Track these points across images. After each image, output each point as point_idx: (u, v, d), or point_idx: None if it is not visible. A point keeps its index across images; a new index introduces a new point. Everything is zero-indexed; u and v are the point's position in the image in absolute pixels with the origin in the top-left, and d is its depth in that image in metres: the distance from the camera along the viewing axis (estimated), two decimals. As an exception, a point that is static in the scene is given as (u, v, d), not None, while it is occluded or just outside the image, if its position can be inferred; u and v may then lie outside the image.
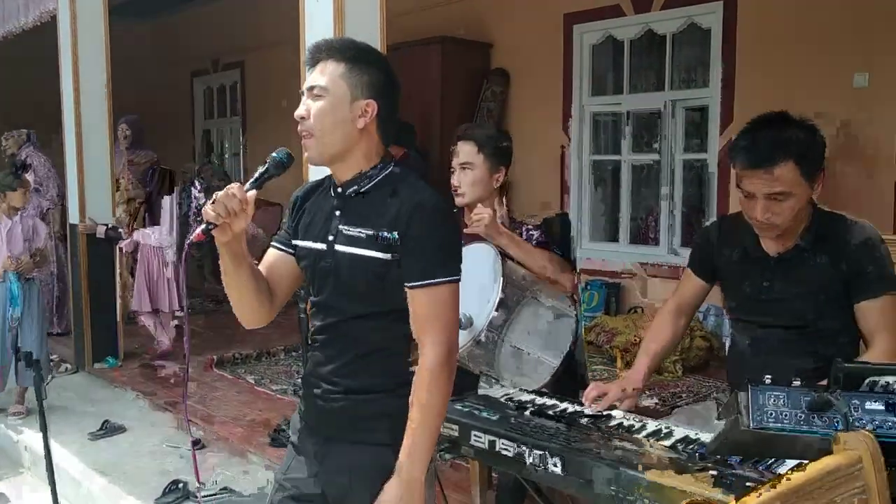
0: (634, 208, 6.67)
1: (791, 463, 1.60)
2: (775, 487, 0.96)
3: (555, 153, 6.78)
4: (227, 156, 10.91)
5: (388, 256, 1.74)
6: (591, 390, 2.23)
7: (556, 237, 2.76)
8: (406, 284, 1.75)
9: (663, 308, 2.47)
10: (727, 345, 3.21)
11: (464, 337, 2.43)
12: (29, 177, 6.20)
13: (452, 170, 2.77)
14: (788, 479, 0.98)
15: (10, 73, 8.77)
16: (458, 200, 2.75)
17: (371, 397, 1.81)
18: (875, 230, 2.12)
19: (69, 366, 5.63)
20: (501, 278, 2.43)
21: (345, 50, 1.78)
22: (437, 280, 1.73)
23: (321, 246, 1.83)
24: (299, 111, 1.77)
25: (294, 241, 1.90)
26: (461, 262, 1.80)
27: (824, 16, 5.17)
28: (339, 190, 1.82)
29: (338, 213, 1.82)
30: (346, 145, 1.77)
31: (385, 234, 1.74)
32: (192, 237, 1.70)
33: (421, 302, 1.74)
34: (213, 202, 1.66)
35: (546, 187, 6.75)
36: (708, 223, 2.61)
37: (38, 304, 4.65)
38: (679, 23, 6.05)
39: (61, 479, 3.85)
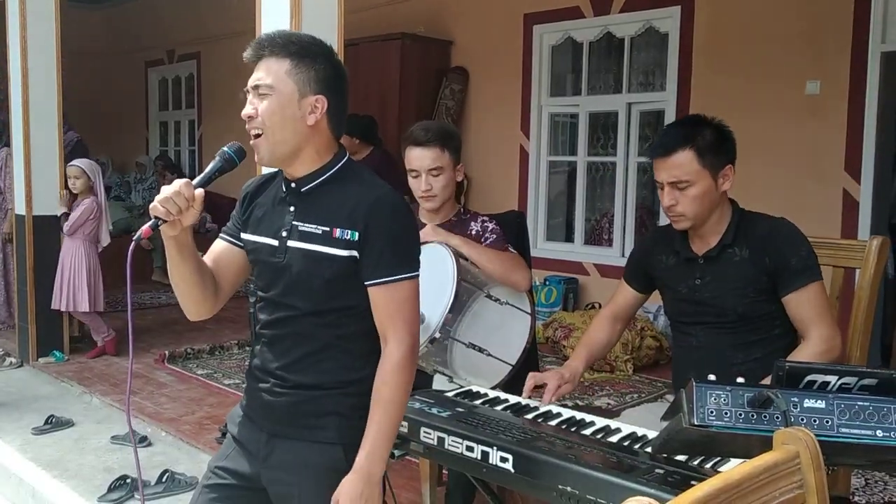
0: (590, 209, 6.74)
1: (736, 462, 1.64)
2: (714, 483, 0.98)
3: (513, 153, 6.82)
4: (181, 149, 10.76)
5: (345, 254, 1.73)
6: (529, 380, 2.28)
7: (511, 232, 2.78)
8: (367, 282, 1.74)
9: (600, 313, 2.60)
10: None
11: (420, 336, 2.43)
12: None
13: (415, 174, 2.73)
14: (728, 475, 0.99)
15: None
16: (430, 205, 2.74)
17: (321, 394, 1.79)
18: (794, 225, 2.25)
19: (13, 360, 5.49)
20: (456, 277, 2.44)
21: (288, 45, 1.74)
22: (398, 277, 1.74)
23: (273, 242, 1.81)
24: (246, 111, 1.75)
25: (243, 235, 1.89)
26: (420, 256, 1.81)
27: (779, 25, 5.28)
28: (293, 186, 1.80)
29: (291, 208, 1.80)
30: (298, 143, 1.75)
31: (342, 230, 1.73)
32: (140, 233, 1.69)
33: (382, 299, 1.74)
34: (162, 198, 1.65)
35: (504, 186, 6.79)
36: (645, 234, 2.72)
37: None
38: (637, 26, 6.13)
39: (2, 475, 3.76)
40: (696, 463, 1.72)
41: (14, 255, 5.75)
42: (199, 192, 1.69)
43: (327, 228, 1.75)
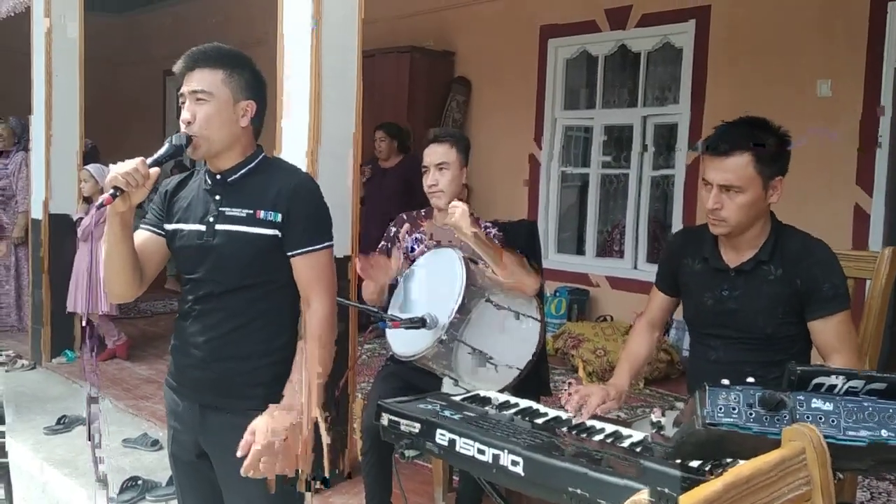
0: (602, 221, 6.74)
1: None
2: (725, 480, 0.99)
3: (523, 163, 6.84)
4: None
5: (269, 232, 1.95)
6: (574, 397, 2.21)
7: (520, 243, 2.80)
8: (290, 253, 1.97)
9: (637, 324, 2.53)
10: (686, 357, 3.26)
11: (428, 337, 2.45)
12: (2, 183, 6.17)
13: (426, 168, 2.84)
14: (737, 471, 1.00)
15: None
16: (437, 201, 2.83)
17: (247, 367, 1.99)
18: (830, 250, 2.18)
19: (25, 362, 5.54)
20: (464, 280, 2.46)
21: (221, 57, 1.97)
22: (318, 247, 1.99)
23: (200, 227, 2.00)
24: (185, 116, 1.95)
25: (167, 225, 2.07)
26: (332, 228, 2.05)
27: (794, 41, 5.29)
28: (219, 178, 2.01)
29: (217, 196, 2.00)
30: (231, 142, 1.98)
31: (266, 212, 1.95)
32: (102, 200, 1.85)
33: (305, 266, 1.98)
34: (122, 171, 1.83)
35: (511, 197, 6.81)
36: (674, 235, 2.66)
37: None
38: (653, 41, 6.15)
39: (15, 473, 3.79)
40: (708, 468, 1.72)
41: (28, 259, 5.82)
42: (154, 170, 1.88)
43: (251, 211, 1.96)
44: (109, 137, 9.29)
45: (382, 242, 3.01)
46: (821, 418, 1.28)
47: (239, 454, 1.89)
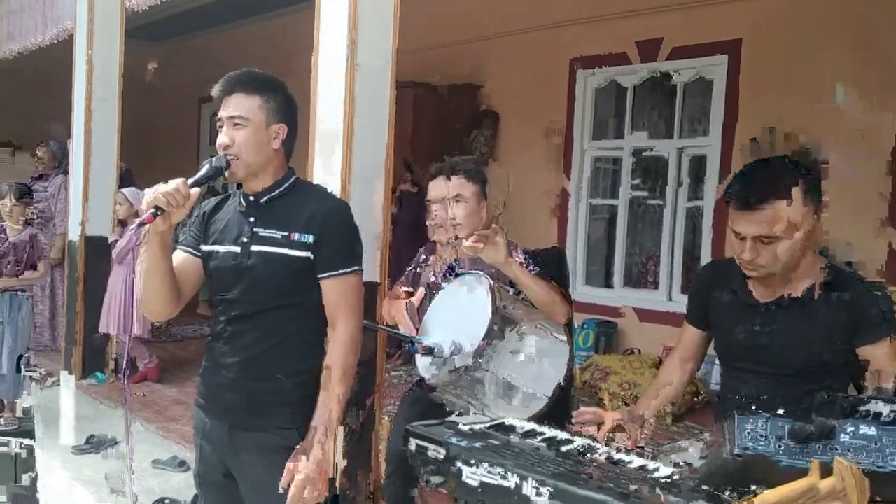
0: (631, 252, 6.72)
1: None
2: (751, 502, 0.99)
3: (552, 195, 6.85)
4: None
5: (302, 254, 2.01)
6: (588, 415, 2.20)
7: (551, 269, 2.80)
8: (320, 275, 2.03)
9: (669, 356, 2.50)
10: (716, 391, 3.22)
11: (454, 364, 2.45)
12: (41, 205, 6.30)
13: (429, 201, 2.82)
14: (764, 497, 1.00)
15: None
16: (441, 236, 2.81)
17: (277, 386, 2.04)
18: (866, 283, 2.14)
19: (55, 379, 5.62)
20: (492, 307, 2.46)
21: (256, 82, 2.07)
22: (347, 270, 2.05)
23: (235, 248, 2.06)
24: (223, 140, 2.03)
25: (204, 247, 2.12)
26: (363, 254, 2.12)
27: (826, 75, 5.27)
28: (252, 199, 2.08)
29: (252, 218, 2.07)
30: (265, 163, 2.06)
31: (300, 234, 2.01)
32: (143, 219, 1.90)
33: (333, 289, 2.04)
34: (164, 191, 1.88)
35: (541, 229, 6.81)
36: (701, 269, 2.63)
37: (21, 316, 4.63)
38: (685, 74, 6.16)
39: (43, 491, 3.84)
40: (735, 496, 1.70)
41: (64, 279, 5.92)
42: (195, 190, 1.94)
43: (286, 233, 2.03)
44: (144, 161, 9.45)
45: (411, 267, 3.03)
46: (864, 448, 1.26)
47: (282, 484, 1.95)
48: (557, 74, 6.79)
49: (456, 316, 2.58)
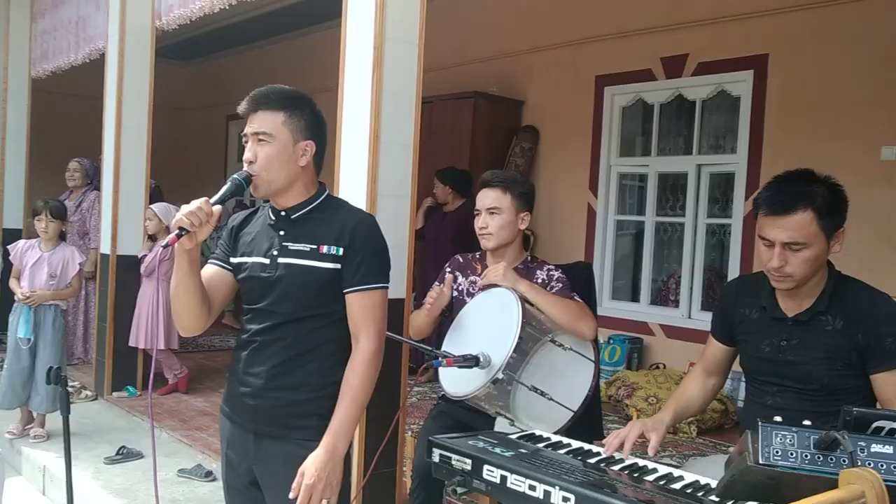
0: (656, 270, 6.70)
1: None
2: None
3: (581, 211, 6.86)
4: (256, 200, 11.09)
5: (330, 266, 2.04)
6: (612, 439, 2.20)
7: (578, 284, 2.82)
8: (346, 289, 2.05)
9: (693, 369, 2.52)
10: (741, 408, 3.21)
11: (481, 376, 2.47)
12: (74, 218, 6.42)
13: (477, 212, 2.88)
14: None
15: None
16: (485, 243, 2.85)
17: (303, 397, 2.06)
18: (893, 302, 2.14)
19: (89, 392, 5.70)
20: (521, 320, 2.48)
21: (282, 99, 2.07)
22: (373, 285, 2.06)
23: (264, 260, 2.08)
24: (247, 155, 2.05)
25: (233, 259, 2.16)
26: (390, 271, 2.12)
27: (854, 89, 5.25)
28: (283, 214, 2.10)
29: (281, 232, 2.09)
30: (291, 180, 2.07)
31: (329, 247, 2.04)
32: (167, 241, 1.94)
33: (358, 304, 2.06)
34: (186, 211, 1.90)
35: (571, 244, 6.82)
36: (728, 284, 2.64)
37: (55, 329, 4.71)
38: (709, 89, 6.16)
39: (77, 501, 3.89)
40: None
41: (96, 293, 6.01)
42: (217, 208, 1.96)
43: (315, 246, 2.05)
44: (173, 178, 9.60)
45: (436, 283, 3.06)
46: (882, 464, 1.26)
47: (291, 496, 1.97)
48: (585, 91, 6.82)
49: (484, 328, 2.61)
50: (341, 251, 2.04)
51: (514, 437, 2.33)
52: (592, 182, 6.82)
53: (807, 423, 1.36)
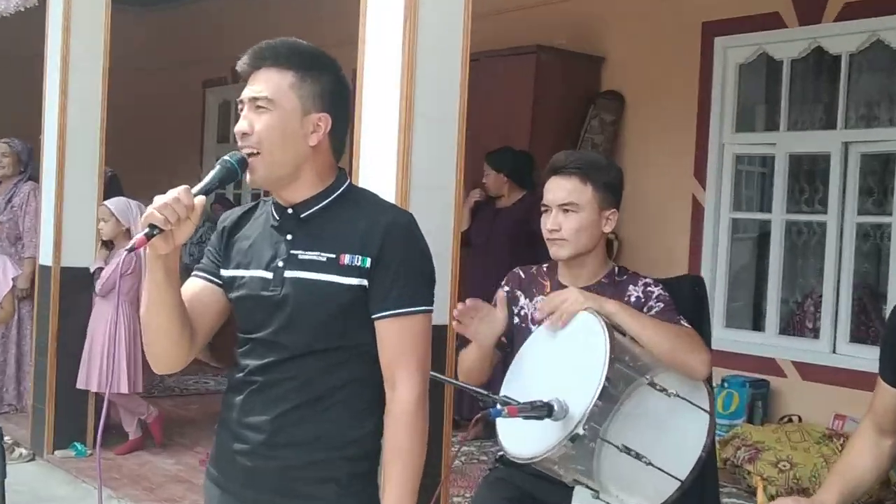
0: (787, 287, 6.63)
1: None
2: None
3: (682, 208, 6.83)
4: (242, 191, 11.14)
5: (354, 282, 2.03)
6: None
7: (685, 305, 2.81)
8: (375, 315, 2.04)
9: (858, 428, 2.50)
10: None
11: (555, 431, 2.47)
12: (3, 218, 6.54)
13: (545, 208, 2.89)
14: None
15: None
16: (557, 251, 2.84)
17: (318, 456, 2.06)
18: None
19: (24, 451, 5.78)
20: (608, 354, 2.48)
21: (293, 56, 2.07)
22: (412, 309, 2.05)
23: (266, 274, 2.09)
24: (240, 126, 2.04)
25: (224, 272, 2.17)
26: (435, 286, 2.12)
27: None
28: (290, 212, 2.11)
29: (288, 236, 2.10)
30: (297, 164, 2.07)
31: (352, 256, 2.03)
32: (133, 243, 1.91)
33: (394, 334, 2.04)
34: (159, 204, 1.89)
35: (669, 252, 6.78)
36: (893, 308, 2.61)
37: None
38: (860, 39, 6.09)
39: None
40: None
41: (33, 318, 6.11)
42: (200, 199, 1.95)
43: (333, 255, 2.04)
44: (134, 164, 9.68)
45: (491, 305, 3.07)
46: None
47: None
48: (688, 43, 6.79)
49: (557, 366, 2.61)
50: (368, 262, 2.03)
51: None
52: (698, 167, 6.77)
53: None
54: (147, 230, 1.90)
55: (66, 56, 5.78)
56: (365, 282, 2.04)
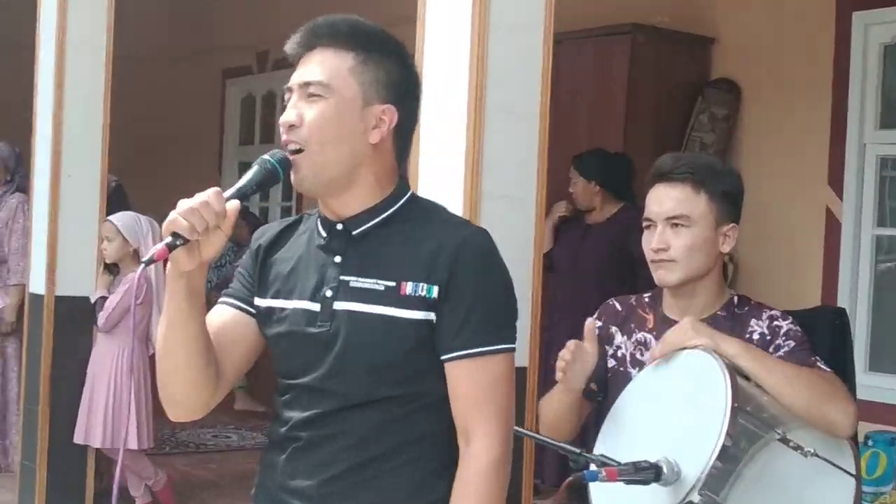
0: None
1: None
2: None
3: (814, 222, 6.76)
4: (269, 204, 11.20)
5: (419, 316, 2.03)
6: None
7: (822, 343, 2.78)
8: (446, 356, 2.04)
9: None
10: None
11: (664, 499, 2.46)
12: None
13: (648, 223, 2.87)
14: None
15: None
16: (664, 276, 2.81)
17: None
18: None
19: (9, 519, 5.87)
20: (730, 406, 2.46)
21: (354, 34, 2.09)
22: (491, 349, 2.04)
23: (311, 305, 2.09)
24: (287, 117, 2.06)
25: (259, 301, 2.18)
26: (517, 320, 2.12)
27: None
28: (340, 227, 2.11)
29: (337, 258, 2.10)
30: (353, 166, 2.08)
31: (415, 285, 2.02)
32: (151, 254, 1.92)
33: (469, 378, 2.04)
34: (185, 209, 1.89)
35: (798, 278, 6.71)
36: None
37: None
38: None
39: None
40: None
41: (22, 357, 6.16)
42: (233, 204, 1.96)
43: (393, 283, 2.04)
44: (143, 172, 9.79)
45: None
46: None
47: None
48: (819, 20, 6.73)
49: (665, 418, 2.60)
50: (435, 291, 2.03)
51: None
52: (834, 173, 6.70)
53: None
54: (169, 240, 1.89)
55: (61, 41, 5.83)
56: (432, 315, 2.03)
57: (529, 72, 3.50)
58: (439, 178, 3.46)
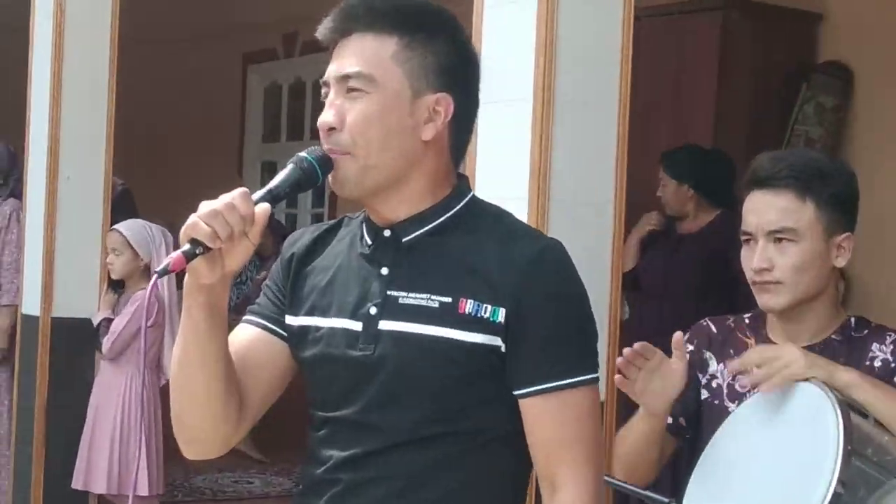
0: None
1: None
2: None
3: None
4: (298, 211, 11.25)
5: (482, 340, 2.00)
6: None
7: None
8: (520, 391, 2.02)
9: None
10: None
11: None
12: None
13: (746, 237, 2.86)
14: None
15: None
16: (769, 299, 2.78)
17: None
18: None
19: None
20: (842, 448, 2.46)
21: (397, 14, 2.06)
22: (576, 379, 2.02)
23: (353, 324, 2.07)
24: (326, 117, 2.04)
25: (290, 319, 2.16)
26: (597, 345, 2.11)
27: None
28: (388, 234, 2.10)
29: (384, 270, 2.09)
30: (403, 168, 2.06)
31: (477, 304, 2.00)
32: (166, 264, 1.89)
33: (552, 416, 2.02)
34: (207, 212, 1.86)
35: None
36: None
37: None
38: None
39: None
40: None
41: (13, 388, 6.22)
42: (263, 208, 1.94)
43: (449, 300, 2.01)
44: (152, 175, 9.86)
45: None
46: None
47: None
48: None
49: (768, 462, 2.60)
50: (502, 314, 2.00)
51: None
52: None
53: None
54: (187, 247, 1.87)
55: (59, 23, 5.88)
56: (497, 341, 2.00)
57: (605, 56, 3.50)
58: (500, 181, 3.47)
